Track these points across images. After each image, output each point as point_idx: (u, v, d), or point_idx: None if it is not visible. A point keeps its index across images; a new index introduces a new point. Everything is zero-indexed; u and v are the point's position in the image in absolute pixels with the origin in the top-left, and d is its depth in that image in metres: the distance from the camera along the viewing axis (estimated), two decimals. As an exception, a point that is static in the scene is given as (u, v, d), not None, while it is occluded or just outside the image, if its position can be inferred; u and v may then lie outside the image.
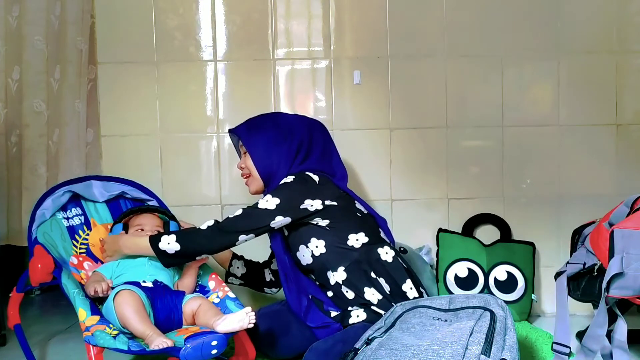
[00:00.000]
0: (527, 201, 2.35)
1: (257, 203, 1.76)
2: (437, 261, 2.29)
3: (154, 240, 1.72)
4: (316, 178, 1.80)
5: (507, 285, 2.24)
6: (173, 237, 1.71)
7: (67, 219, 1.87)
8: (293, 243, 1.84)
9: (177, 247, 1.70)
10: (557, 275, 1.83)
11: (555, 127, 2.33)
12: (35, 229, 1.77)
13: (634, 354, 1.86)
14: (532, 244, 2.29)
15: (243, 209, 1.77)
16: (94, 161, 2.65)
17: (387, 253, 1.81)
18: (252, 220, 1.74)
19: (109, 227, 1.92)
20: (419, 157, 2.34)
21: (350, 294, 1.77)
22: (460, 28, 2.30)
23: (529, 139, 2.32)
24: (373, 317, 1.71)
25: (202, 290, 1.82)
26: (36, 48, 2.49)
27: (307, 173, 1.81)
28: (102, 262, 1.84)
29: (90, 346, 1.47)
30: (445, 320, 1.49)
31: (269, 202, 1.74)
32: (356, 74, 2.29)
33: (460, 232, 2.34)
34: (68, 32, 2.57)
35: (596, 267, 1.70)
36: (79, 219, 1.90)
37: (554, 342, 1.72)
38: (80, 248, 1.86)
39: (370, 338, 1.48)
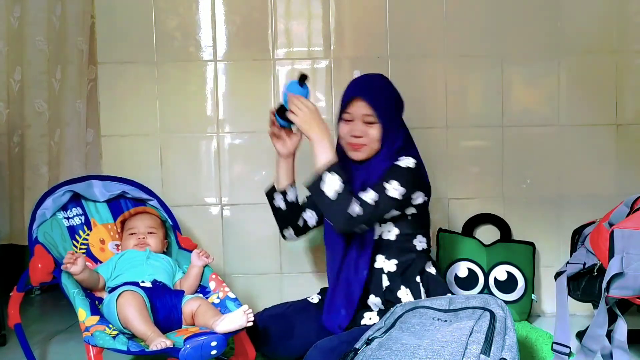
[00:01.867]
0: (527, 201, 2.34)
1: (385, 189, 1.65)
2: (437, 261, 2.29)
3: (329, 170, 1.62)
4: (424, 170, 1.78)
5: (507, 285, 2.24)
6: (339, 188, 1.61)
7: (68, 218, 1.87)
8: None
9: (328, 201, 1.62)
10: (557, 275, 1.83)
11: (555, 127, 2.32)
12: (35, 229, 1.77)
13: (634, 354, 1.86)
14: (532, 244, 2.29)
15: (376, 194, 1.64)
16: (94, 161, 2.65)
17: (432, 268, 1.82)
18: (380, 210, 1.65)
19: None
20: (419, 157, 2.34)
21: (385, 283, 1.75)
22: (460, 28, 2.29)
23: (529, 139, 2.32)
24: None
25: (203, 290, 1.82)
26: (37, 48, 2.50)
27: (421, 160, 1.77)
28: (101, 262, 1.84)
29: (90, 346, 1.48)
30: (445, 321, 1.49)
31: (397, 191, 1.65)
32: (356, 74, 2.28)
33: (460, 232, 2.34)
34: (69, 32, 2.58)
35: (596, 267, 1.70)
36: (80, 219, 1.90)
37: (554, 342, 1.72)
38: (81, 248, 1.86)
39: (370, 338, 1.49)
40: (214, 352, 1.42)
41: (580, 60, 2.31)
